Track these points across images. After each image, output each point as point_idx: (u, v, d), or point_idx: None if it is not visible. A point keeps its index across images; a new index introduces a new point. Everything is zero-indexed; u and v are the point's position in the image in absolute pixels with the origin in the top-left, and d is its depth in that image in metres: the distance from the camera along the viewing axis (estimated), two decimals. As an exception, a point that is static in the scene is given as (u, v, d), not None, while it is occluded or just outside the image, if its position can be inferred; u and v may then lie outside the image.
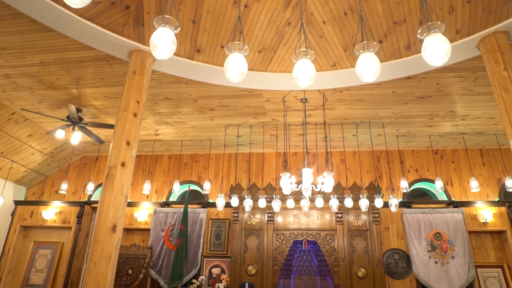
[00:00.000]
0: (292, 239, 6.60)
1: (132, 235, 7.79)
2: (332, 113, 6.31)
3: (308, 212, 6.76)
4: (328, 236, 6.56)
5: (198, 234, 7.26)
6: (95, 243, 3.61)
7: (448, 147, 7.76)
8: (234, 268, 6.51)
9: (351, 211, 6.73)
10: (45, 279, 7.77)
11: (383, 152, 7.88)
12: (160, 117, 6.62)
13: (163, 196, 7.97)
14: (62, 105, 6.33)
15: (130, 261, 7.19)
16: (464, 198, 7.35)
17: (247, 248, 6.62)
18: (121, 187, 3.88)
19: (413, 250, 6.81)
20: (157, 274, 7.10)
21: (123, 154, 4.02)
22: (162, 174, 8.22)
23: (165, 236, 7.33)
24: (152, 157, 8.37)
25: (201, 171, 8.10)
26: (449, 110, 6.22)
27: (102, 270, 3.52)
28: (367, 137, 7.23)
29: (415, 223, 7.01)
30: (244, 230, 6.75)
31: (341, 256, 6.40)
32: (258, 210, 6.85)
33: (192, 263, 7.06)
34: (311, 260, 6.80)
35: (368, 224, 6.61)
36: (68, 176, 8.55)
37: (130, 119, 4.18)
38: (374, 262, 6.34)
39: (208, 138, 7.53)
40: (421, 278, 6.61)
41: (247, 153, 8.05)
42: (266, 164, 7.93)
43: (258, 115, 6.43)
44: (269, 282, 6.34)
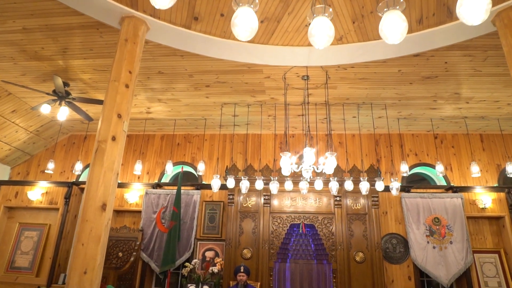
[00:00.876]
0: (289, 223, 6.41)
1: (122, 217, 7.52)
2: (334, 93, 6.04)
3: (305, 195, 6.55)
4: (326, 220, 6.38)
5: (191, 216, 7.02)
6: (83, 223, 3.34)
7: (448, 131, 7.59)
8: (228, 251, 6.31)
9: (349, 194, 6.55)
10: (31, 262, 7.48)
11: (383, 135, 7.68)
12: (153, 93, 6.27)
13: (155, 177, 7.68)
14: (48, 79, 5.93)
15: (120, 244, 6.94)
16: (463, 183, 7.23)
17: (243, 231, 6.41)
18: (112, 163, 3.59)
19: (411, 235, 6.69)
20: (149, 257, 6.86)
21: (113, 127, 3.70)
22: (154, 154, 7.91)
23: (157, 218, 7.07)
24: (144, 137, 8.04)
25: (195, 152, 7.81)
26: (453, 92, 6.01)
27: (90, 251, 3.26)
28: (368, 119, 7.01)
29: (414, 208, 6.87)
30: (240, 213, 6.52)
31: (339, 240, 6.24)
32: (254, 193, 6.62)
33: (185, 246, 6.83)
34: (307, 244, 6.63)
35: (367, 208, 6.45)
36: (55, 155, 8.19)
37: (122, 90, 3.86)
38: (373, 246, 6.19)
39: (202, 118, 7.21)
40: (418, 263, 6.51)
41: (244, 134, 7.77)
42: (263, 146, 7.67)
43: (256, 93, 6.13)
44: (265, 265, 6.16)
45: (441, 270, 6.45)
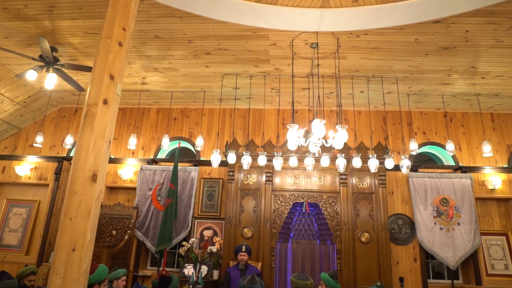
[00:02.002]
0: (292, 201, 6.10)
1: (116, 194, 7.17)
2: (343, 64, 5.64)
3: (309, 173, 6.24)
4: (331, 199, 6.09)
5: (189, 194, 6.68)
6: (70, 195, 2.97)
7: (459, 109, 7.26)
8: (228, 230, 6.01)
9: (356, 173, 6.24)
10: (20, 240, 7.14)
11: (390, 112, 7.33)
12: (149, 61, 5.82)
13: (150, 153, 7.30)
14: (33, 42, 5.45)
15: (114, 222, 6.61)
16: (472, 163, 6.96)
17: (243, 209, 6.10)
18: (103, 129, 3.19)
19: (418, 215, 6.44)
20: (144, 236, 6.56)
21: (105, 90, 3.29)
22: (150, 129, 7.50)
23: (153, 196, 6.73)
24: (139, 111, 7.61)
25: (193, 127, 7.42)
26: (470, 65, 5.63)
27: (79, 226, 2.90)
28: (376, 94, 6.63)
29: (421, 188, 6.60)
30: (240, 191, 6.20)
31: (344, 220, 5.97)
32: (256, 170, 6.28)
33: (182, 224, 6.53)
34: (310, 223, 6.36)
35: (374, 187, 6.15)
36: (45, 129, 7.74)
37: (115, 48, 3.42)
38: (379, 226, 5.93)
39: (201, 90, 6.79)
40: (425, 245, 6.28)
41: (244, 109, 7.37)
42: (264, 121, 7.29)
43: (260, 63, 5.71)
44: (266, 245, 5.88)
45: (448, 252, 6.23)
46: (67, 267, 2.79)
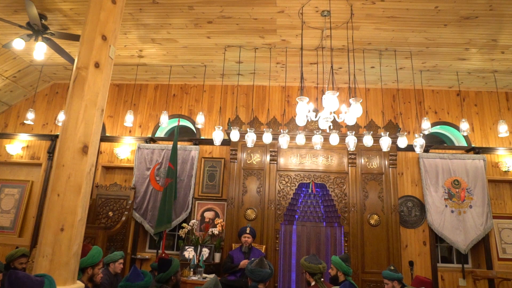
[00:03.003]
0: (297, 182, 5.80)
1: (112, 173, 6.85)
2: (356, 35, 5.25)
3: (316, 152, 5.92)
4: (339, 179, 5.79)
5: (189, 174, 6.37)
6: (58, 168, 2.64)
7: (472, 88, 6.90)
8: (230, 211, 5.73)
9: (365, 152, 5.93)
10: (13, 221, 6.86)
11: (401, 90, 6.97)
12: (146, 31, 5.41)
13: (148, 131, 6.95)
14: (20, 9, 5.02)
15: (110, 202, 6.32)
16: (485, 144, 6.65)
17: (246, 190, 5.80)
18: (94, 95, 2.84)
19: (429, 197, 6.17)
20: (142, 217, 6.27)
21: (97, 52, 2.92)
22: (147, 106, 7.12)
23: (151, 176, 6.42)
24: (136, 87, 7.22)
25: (193, 104, 7.05)
26: (491, 38, 5.26)
27: (69, 203, 2.58)
28: (387, 70, 6.26)
29: (432, 169, 6.31)
30: (243, 170, 5.89)
31: (352, 201, 5.68)
32: (260, 149, 5.96)
33: (182, 205, 6.24)
34: (316, 205, 6.08)
35: (384, 167, 5.85)
36: (37, 106, 7.36)
37: (107, 5, 3.04)
38: (389, 209, 5.66)
39: (202, 64, 6.39)
40: (435, 228, 6.03)
41: (247, 85, 6.99)
42: (268, 99, 6.92)
43: (266, 34, 5.31)
44: (271, 227, 5.61)
45: (459, 236, 5.99)
46: (55, 249, 2.49)
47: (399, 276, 3.86)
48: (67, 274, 2.47)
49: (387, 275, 3.88)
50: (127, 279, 2.54)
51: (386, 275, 3.87)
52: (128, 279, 2.53)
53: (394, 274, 3.88)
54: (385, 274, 3.89)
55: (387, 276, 3.88)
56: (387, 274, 3.86)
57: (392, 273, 3.85)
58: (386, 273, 3.88)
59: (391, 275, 3.87)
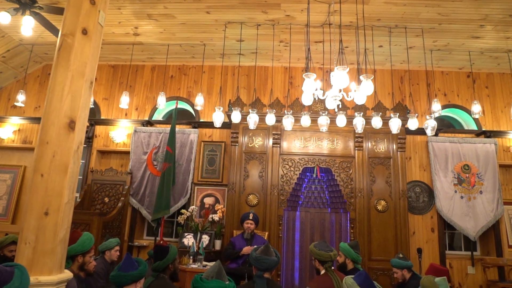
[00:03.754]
0: (301, 166, 5.55)
1: (108, 158, 6.57)
2: (365, 10, 4.92)
3: (321, 135, 5.65)
4: (345, 164, 5.54)
5: (187, 158, 6.11)
6: (42, 146, 2.37)
7: (483, 69, 6.60)
8: (231, 197, 5.49)
9: (372, 136, 5.66)
10: (6, 208, 6.60)
11: (408, 72, 6.66)
12: (141, 5, 5.07)
13: (145, 114, 6.65)
14: (6, -20, 4.67)
15: (106, 188, 6.06)
16: (496, 128, 6.39)
17: (248, 174, 5.55)
18: (82, 65, 2.55)
19: (438, 183, 5.93)
20: (139, 203, 6.03)
21: (84, 17, 2.62)
22: (144, 88, 6.81)
23: (148, 160, 6.16)
24: (132, 68, 6.89)
25: (191, 86, 6.74)
26: (508, 14, 4.94)
27: (54, 185, 2.32)
28: (396, 50, 5.95)
29: (441, 153, 6.05)
30: (245, 154, 5.62)
31: (358, 186, 5.44)
32: (262, 131, 5.68)
33: (181, 191, 5.99)
34: (321, 190, 5.84)
35: (392, 151, 5.60)
36: (28, 88, 7.03)
37: (95, -35, 2.72)
38: (397, 194, 5.42)
39: (201, 43, 6.06)
40: (444, 214, 5.81)
41: (249, 66, 6.67)
42: (271, 80, 6.61)
43: (269, 8, 4.98)
44: (273, 213, 5.38)
45: (469, 222, 5.78)
46: (39, 235, 2.23)
47: (409, 264, 3.65)
48: (52, 263, 2.23)
49: (396, 264, 3.66)
50: (120, 268, 2.29)
51: (395, 263, 3.66)
52: (120, 268, 2.29)
53: (403, 262, 3.67)
54: (394, 262, 3.68)
55: (396, 264, 3.67)
56: (396, 262, 3.65)
57: (401, 261, 3.64)
58: (395, 261, 3.67)
59: (400, 263, 3.66)
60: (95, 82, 6.89)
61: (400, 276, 3.67)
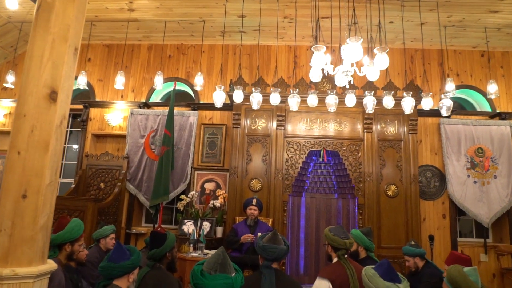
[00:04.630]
0: (307, 149, 5.26)
1: (103, 142, 6.28)
2: (376, -20, 4.57)
3: (327, 117, 5.35)
4: (353, 147, 5.24)
5: (187, 141, 5.81)
6: (19, 119, 2.06)
7: (498, 48, 6.25)
8: (233, 182, 5.21)
9: (381, 117, 5.36)
10: (-2, 193, 6.33)
11: (419, 51, 6.33)
12: (135, -24, 4.70)
13: (141, 96, 6.33)
14: None
15: (101, 173, 5.78)
16: (511, 109, 6.08)
17: (251, 158, 5.26)
18: (65, 28, 2.22)
19: (450, 167, 5.65)
20: (136, 189, 5.76)
21: (66, -27, 2.28)
22: (140, 68, 6.47)
23: (146, 144, 5.86)
24: (127, 47, 6.53)
25: (190, 66, 6.40)
26: (531, -16, 4.58)
27: (32, 163, 2.02)
28: (407, 26, 5.59)
29: (454, 136, 5.76)
30: (247, 137, 5.32)
31: (367, 170, 5.16)
32: (265, 113, 5.38)
33: (180, 176, 5.72)
34: (327, 175, 5.56)
35: (403, 134, 5.30)
36: (19, 69, 6.67)
37: None
38: (408, 178, 5.14)
39: (200, 19, 5.70)
40: (456, 199, 5.55)
41: (251, 45, 6.32)
42: (274, 60, 6.27)
43: (273, -22, 4.62)
44: (278, 199, 5.11)
45: (482, 208, 5.51)
46: (16, 221, 1.94)
47: (421, 251, 3.41)
48: (32, 252, 1.95)
49: (408, 251, 3.42)
50: (109, 258, 2.02)
51: (407, 251, 3.42)
52: (110, 258, 2.02)
53: (415, 249, 3.43)
54: (405, 250, 3.44)
55: (408, 252, 3.43)
56: (408, 250, 3.41)
57: (413, 249, 3.40)
58: (407, 249, 3.42)
59: (412, 250, 3.42)
60: (89, 63, 6.55)
61: (412, 265, 3.44)
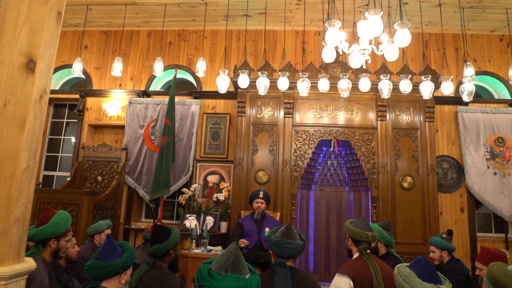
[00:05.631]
0: (317, 139, 4.93)
1: (101, 133, 5.97)
2: (393, -46, 4.21)
3: (338, 104, 5.02)
4: (366, 136, 4.91)
5: (189, 132, 5.50)
6: (-11, 92, 1.75)
7: (518, 31, 5.89)
8: (238, 174, 4.89)
9: (396, 104, 5.02)
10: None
11: (434, 35, 5.97)
12: (132, -48, 4.37)
13: (141, 84, 6.01)
14: None
15: (99, 166, 5.48)
16: (531, 97, 5.73)
17: (257, 149, 4.94)
18: (44, -14, 1.91)
19: (468, 158, 5.31)
20: (136, 182, 5.46)
21: None
22: (140, 56, 6.15)
23: (145, 134, 5.55)
24: (125, 34, 6.20)
25: (192, 53, 6.07)
26: (560, -43, 4.22)
27: (5, 144, 1.71)
28: (423, 8, 5.23)
29: (472, 125, 5.41)
30: (253, 126, 5.00)
31: (382, 161, 4.83)
32: (272, 100, 5.05)
33: (182, 168, 5.41)
34: (337, 166, 5.24)
35: (419, 122, 4.96)
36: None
37: None
38: (424, 170, 4.81)
39: (202, 2, 5.36)
40: (475, 192, 5.22)
41: (255, 30, 5.99)
42: (280, 46, 5.93)
43: (281, -47, 4.28)
44: (286, 192, 4.79)
45: (503, 201, 5.18)
46: (-16, 211, 1.64)
47: (452, 247, 3.14)
48: (4, 249, 1.64)
49: (439, 243, 3.14)
50: (98, 255, 1.72)
51: (437, 242, 3.14)
52: (99, 255, 1.71)
53: (447, 243, 3.15)
54: (435, 240, 3.17)
55: (438, 243, 3.15)
56: (439, 241, 3.13)
57: (444, 242, 3.13)
58: (437, 240, 3.15)
59: (443, 243, 3.14)
60: (85, 51, 6.24)
61: (438, 257, 3.17)
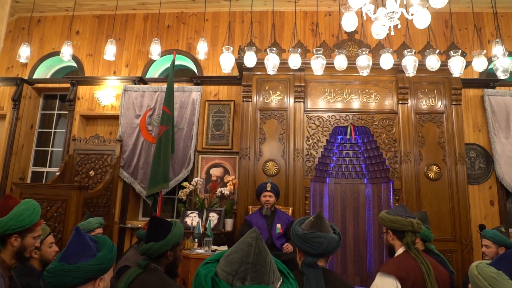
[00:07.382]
0: (332, 125, 4.44)
1: (93, 125, 5.50)
2: None
3: (354, 87, 4.53)
4: (386, 121, 4.42)
5: (189, 121, 5.02)
6: None
7: (547, 8, 5.41)
8: (245, 166, 4.40)
9: (418, 86, 4.54)
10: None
11: (454, 14, 5.49)
12: None
13: (137, 71, 5.55)
14: None
15: (91, 159, 5.00)
16: None
17: (265, 137, 4.45)
18: None
19: (498, 145, 4.83)
20: (131, 176, 4.99)
21: None
22: (135, 41, 5.68)
23: (141, 124, 5.08)
24: (120, 18, 5.74)
25: (192, 37, 5.59)
26: None
27: None
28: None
29: (501, 110, 4.93)
30: (260, 112, 4.52)
31: (404, 149, 4.34)
32: (281, 84, 4.56)
33: (182, 161, 4.93)
34: (353, 156, 4.76)
35: (445, 105, 4.47)
36: (-1, 46, 5.91)
37: None
38: (452, 158, 4.32)
39: (202, -23, 4.90)
40: (507, 183, 4.73)
41: (260, 11, 5.52)
42: (287, 28, 5.46)
43: None
44: (298, 184, 4.30)
45: (537, 193, 4.69)
46: None
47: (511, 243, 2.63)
48: None
49: (496, 236, 2.72)
50: (63, 256, 1.24)
51: (495, 236, 2.70)
52: (64, 256, 1.24)
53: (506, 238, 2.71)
54: (493, 234, 2.73)
55: (496, 237, 2.72)
56: (497, 235, 2.69)
57: (504, 237, 2.66)
58: (495, 234, 2.70)
59: (502, 238, 2.73)
60: (77, 36, 5.77)
61: (492, 254, 2.72)
